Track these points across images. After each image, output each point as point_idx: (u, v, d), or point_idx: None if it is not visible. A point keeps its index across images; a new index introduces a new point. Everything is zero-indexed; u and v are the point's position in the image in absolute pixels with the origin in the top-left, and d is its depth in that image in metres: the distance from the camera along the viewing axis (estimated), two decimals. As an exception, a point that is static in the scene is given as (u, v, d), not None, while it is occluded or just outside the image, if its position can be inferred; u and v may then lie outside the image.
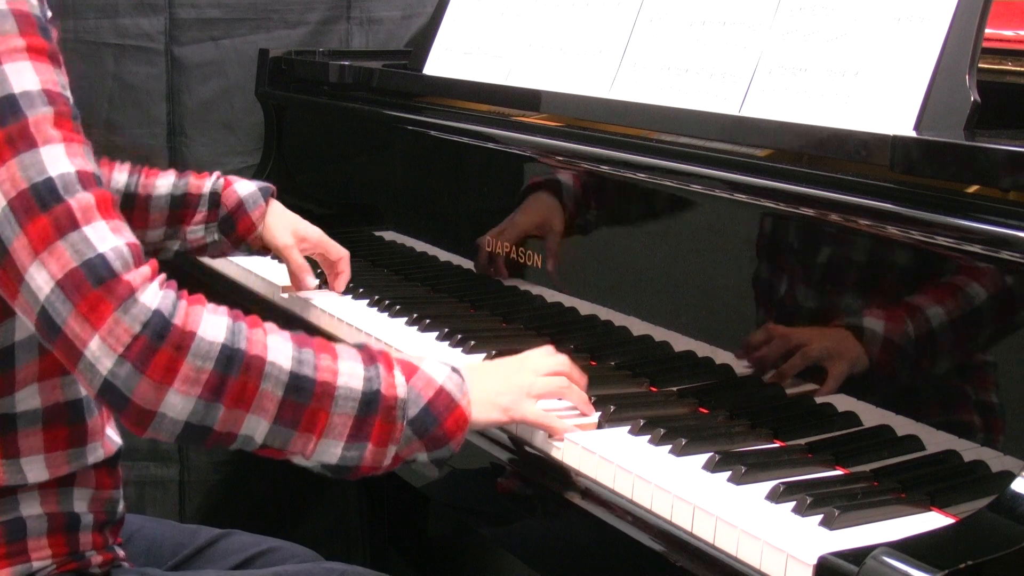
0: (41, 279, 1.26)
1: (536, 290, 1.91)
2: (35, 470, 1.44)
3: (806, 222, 1.49)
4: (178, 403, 1.28)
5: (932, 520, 1.26)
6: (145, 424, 1.29)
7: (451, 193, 2.19)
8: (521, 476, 1.52)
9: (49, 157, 1.28)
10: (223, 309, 1.33)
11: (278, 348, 1.33)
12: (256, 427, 1.34)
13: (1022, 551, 1.11)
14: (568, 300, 1.86)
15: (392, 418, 1.37)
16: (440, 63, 2.29)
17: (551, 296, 1.88)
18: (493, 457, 1.55)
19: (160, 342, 1.26)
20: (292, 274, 2.07)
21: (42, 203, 1.27)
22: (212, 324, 1.30)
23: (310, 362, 1.34)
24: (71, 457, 1.47)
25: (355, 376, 1.36)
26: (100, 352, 1.26)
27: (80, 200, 1.28)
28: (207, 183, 2.00)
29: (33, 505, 1.45)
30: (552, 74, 2.00)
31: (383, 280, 2.24)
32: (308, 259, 2.09)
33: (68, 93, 1.34)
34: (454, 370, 1.43)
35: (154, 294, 1.28)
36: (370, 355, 1.39)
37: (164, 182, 1.98)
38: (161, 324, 1.27)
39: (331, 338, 1.62)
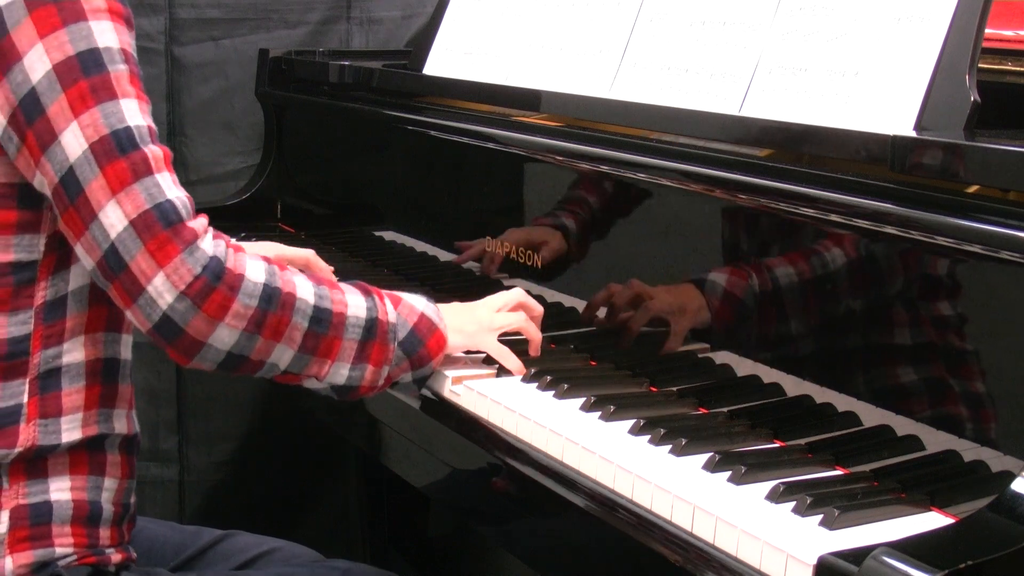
0: (115, 216, 1.40)
1: (536, 290, 1.91)
2: (70, 429, 1.50)
3: (806, 222, 1.49)
4: (226, 335, 1.45)
5: (932, 520, 1.26)
6: (192, 354, 1.45)
7: (451, 193, 2.19)
8: (519, 476, 1.52)
9: (128, 109, 1.42)
10: (257, 255, 1.49)
11: (303, 286, 1.51)
12: (283, 355, 1.50)
13: (1022, 551, 1.11)
14: (568, 300, 1.86)
15: (386, 340, 1.57)
16: (440, 63, 2.29)
17: (551, 296, 1.88)
18: (492, 458, 1.56)
19: (217, 282, 1.42)
20: None
21: (121, 148, 1.40)
22: (254, 267, 1.46)
23: (327, 296, 1.53)
24: (101, 418, 1.53)
25: (359, 307, 1.55)
26: (163, 288, 1.40)
27: (153, 151, 1.42)
28: None
29: (62, 489, 1.50)
30: (552, 74, 2.01)
31: (383, 280, 2.25)
32: None
33: (136, 56, 1.47)
34: (429, 301, 1.64)
35: (211, 242, 1.43)
36: (365, 289, 1.59)
37: None
38: (218, 267, 1.42)
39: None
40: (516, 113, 2.02)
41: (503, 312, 1.73)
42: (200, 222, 1.44)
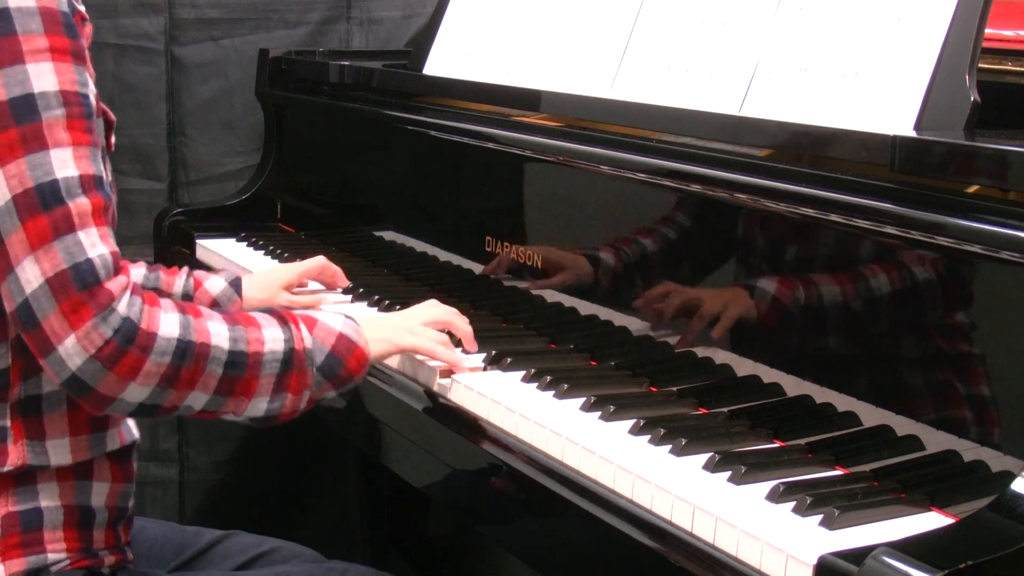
0: (32, 273, 1.36)
1: (536, 290, 1.91)
2: (59, 453, 1.49)
3: (806, 222, 1.49)
4: (137, 392, 1.43)
5: (932, 520, 1.26)
6: (103, 407, 1.43)
7: (451, 193, 2.19)
8: (519, 476, 1.52)
9: (58, 159, 1.37)
10: (171, 304, 1.46)
11: (218, 332, 1.48)
12: (197, 399, 1.49)
13: (1022, 551, 1.11)
14: (568, 300, 1.86)
15: (304, 368, 1.54)
16: (440, 63, 2.29)
17: (551, 296, 1.88)
18: (492, 458, 1.56)
19: (128, 345, 1.39)
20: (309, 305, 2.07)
21: (44, 203, 1.36)
22: (168, 323, 1.43)
23: (243, 338, 1.50)
24: (92, 442, 1.52)
25: (276, 340, 1.52)
26: (73, 351, 1.37)
27: (79, 205, 1.38)
28: (177, 283, 1.95)
29: (51, 496, 1.49)
30: (552, 74, 2.00)
31: (383, 280, 2.25)
32: None
33: (88, 89, 1.42)
34: (348, 317, 1.62)
35: (127, 303, 1.40)
36: (281, 317, 1.56)
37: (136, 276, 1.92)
38: (131, 330, 1.39)
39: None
40: (516, 113, 2.02)
41: (427, 314, 1.74)
42: (119, 281, 1.39)
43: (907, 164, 1.36)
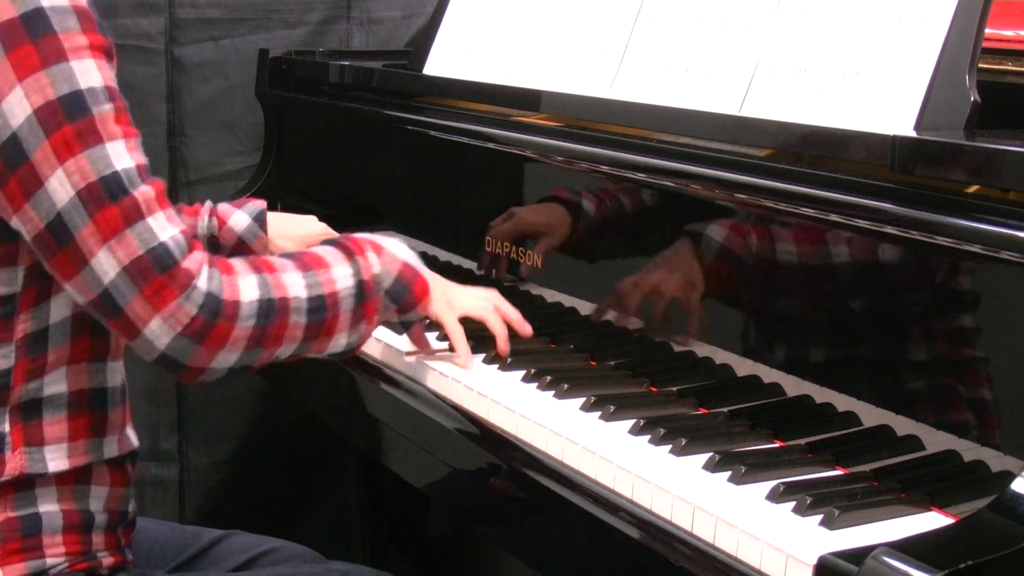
0: (108, 264, 1.39)
1: (536, 290, 1.91)
2: (57, 459, 1.48)
3: (806, 222, 1.49)
4: (228, 358, 1.47)
5: (932, 520, 1.26)
6: (196, 377, 1.48)
7: (451, 193, 2.19)
8: (519, 476, 1.52)
9: (115, 152, 1.39)
10: (244, 266, 1.49)
11: (295, 283, 1.51)
12: (286, 350, 1.53)
13: (1022, 551, 1.11)
14: (568, 300, 1.86)
15: (375, 295, 1.60)
16: (440, 63, 2.29)
17: (551, 296, 1.88)
18: (492, 458, 1.56)
19: (215, 319, 1.43)
20: None
21: (111, 195, 1.39)
22: (248, 286, 1.47)
23: (318, 282, 1.54)
24: (91, 447, 1.51)
25: (347, 276, 1.57)
26: (160, 331, 1.41)
27: (143, 193, 1.41)
28: (201, 224, 1.96)
29: (50, 501, 1.48)
30: (552, 74, 2.00)
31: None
32: None
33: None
34: (408, 250, 1.68)
35: (206, 277, 1.43)
36: (347, 249, 1.60)
37: None
38: (215, 303, 1.43)
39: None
40: (516, 113, 2.02)
41: (473, 300, 1.75)
42: (195, 258, 1.42)
43: (907, 164, 1.36)
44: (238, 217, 1.99)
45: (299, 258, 1.56)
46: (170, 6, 2.76)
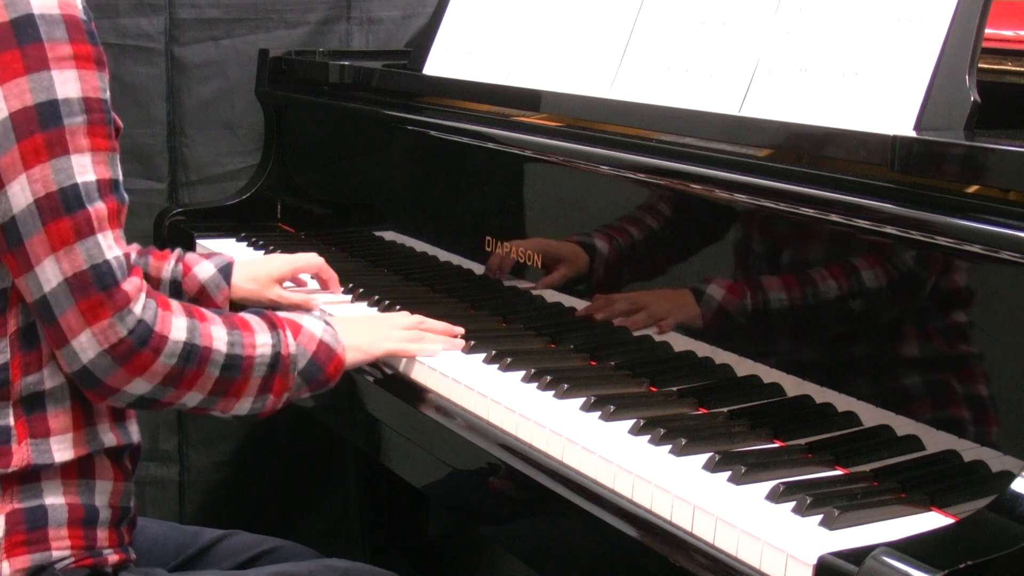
0: (52, 272, 1.42)
1: (536, 290, 1.91)
2: (62, 449, 1.51)
3: (806, 222, 1.49)
4: (140, 386, 1.50)
5: (932, 520, 1.26)
6: (104, 397, 1.50)
7: (451, 193, 2.19)
8: (519, 476, 1.52)
9: (79, 165, 1.43)
10: (179, 308, 1.53)
11: (219, 336, 1.55)
12: (192, 398, 1.56)
13: (1022, 551, 1.11)
14: (568, 300, 1.86)
15: (288, 372, 1.62)
16: (440, 63, 2.29)
17: (551, 296, 1.88)
18: (492, 457, 1.56)
19: (142, 346, 1.46)
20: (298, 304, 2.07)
21: (67, 207, 1.42)
22: (178, 327, 1.51)
23: (239, 342, 1.57)
24: (89, 436, 1.54)
25: (266, 345, 1.60)
26: (88, 345, 1.44)
27: (97, 209, 1.43)
28: (166, 268, 1.97)
29: (55, 494, 1.51)
30: (552, 74, 2.00)
31: (383, 280, 2.25)
32: None
33: (107, 95, 1.47)
34: (327, 323, 1.70)
35: (142, 305, 1.47)
36: (271, 321, 1.63)
37: None
38: (145, 331, 1.47)
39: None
40: (516, 113, 2.02)
41: (402, 331, 1.79)
42: (133, 282, 1.45)
43: (907, 164, 1.36)
44: (204, 267, 2.00)
45: (229, 317, 1.60)
46: (170, 6, 2.76)
